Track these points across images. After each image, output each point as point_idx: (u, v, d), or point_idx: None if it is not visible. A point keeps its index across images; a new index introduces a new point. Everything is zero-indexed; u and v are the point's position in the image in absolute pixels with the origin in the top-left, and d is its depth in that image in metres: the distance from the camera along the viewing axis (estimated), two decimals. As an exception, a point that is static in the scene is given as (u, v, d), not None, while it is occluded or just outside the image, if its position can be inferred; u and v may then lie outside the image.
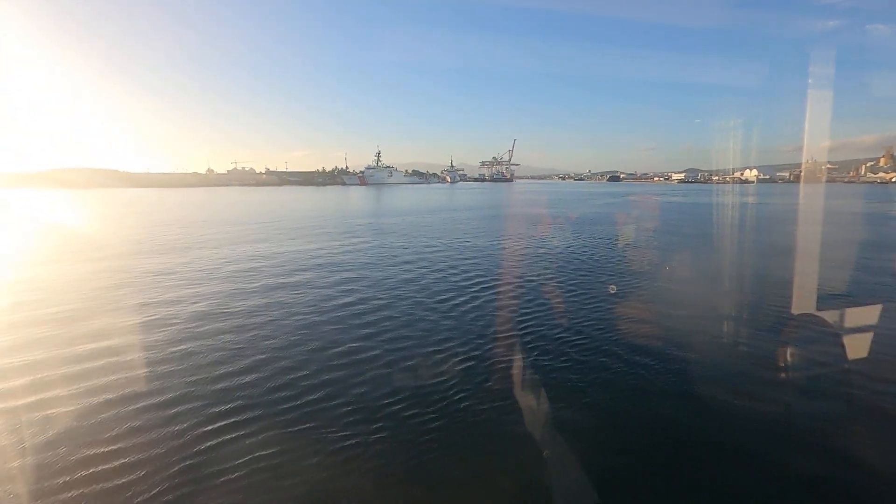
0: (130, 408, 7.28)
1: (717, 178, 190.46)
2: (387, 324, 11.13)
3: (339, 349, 9.52)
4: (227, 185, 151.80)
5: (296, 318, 11.58)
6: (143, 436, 6.56)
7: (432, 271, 17.47)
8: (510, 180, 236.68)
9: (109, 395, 7.65)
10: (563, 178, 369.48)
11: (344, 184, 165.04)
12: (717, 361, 8.91)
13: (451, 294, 13.84)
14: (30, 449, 6.24)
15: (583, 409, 7.22)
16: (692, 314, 11.70)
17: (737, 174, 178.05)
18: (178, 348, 9.59)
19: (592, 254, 21.00)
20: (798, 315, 11.15)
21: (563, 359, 9.00)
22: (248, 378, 8.24)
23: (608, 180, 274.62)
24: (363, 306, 12.62)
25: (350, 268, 18.17)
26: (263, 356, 9.16)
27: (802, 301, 11.73)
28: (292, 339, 10.14)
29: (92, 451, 6.16)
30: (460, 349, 9.43)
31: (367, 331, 10.66)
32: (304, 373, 8.41)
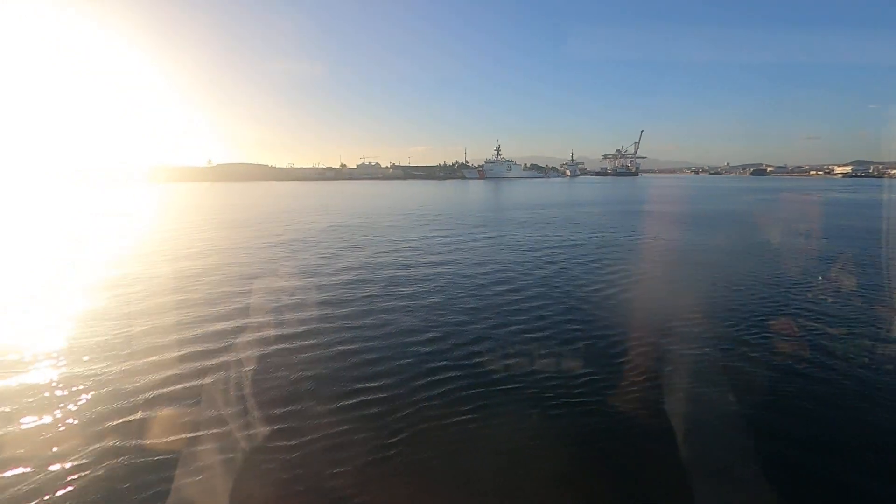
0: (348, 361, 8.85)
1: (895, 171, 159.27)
2: (528, 304, 12.24)
3: (493, 325, 10.61)
4: (359, 179, 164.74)
5: (458, 297, 13.11)
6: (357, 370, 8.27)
7: (567, 259, 18.50)
8: (635, 174, 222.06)
9: (306, 354, 9.08)
10: (696, 172, 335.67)
11: (464, 177, 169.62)
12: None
13: (593, 284, 14.47)
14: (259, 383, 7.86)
15: (739, 428, 6.72)
16: (848, 332, 10.28)
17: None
18: (356, 309, 11.82)
19: (736, 256, 20.03)
20: None
21: (717, 367, 8.49)
22: (430, 336, 9.95)
23: (752, 174, 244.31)
24: (507, 286, 14.07)
25: (489, 254, 19.94)
26: (440, 326, 10.63)
27: None
28: (462, 313, 11.54)
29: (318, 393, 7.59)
30: (607, 341, 9.72)
31: (514, 308, 11.90)
32: (480, 345, 9.59)
